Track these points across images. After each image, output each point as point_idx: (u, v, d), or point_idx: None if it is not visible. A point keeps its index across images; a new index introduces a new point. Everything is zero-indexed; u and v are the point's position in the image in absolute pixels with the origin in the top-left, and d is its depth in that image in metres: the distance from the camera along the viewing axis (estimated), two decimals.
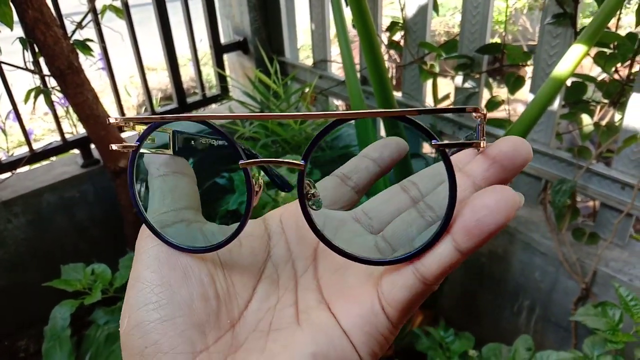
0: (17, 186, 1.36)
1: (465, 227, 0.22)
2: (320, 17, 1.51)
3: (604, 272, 1.09)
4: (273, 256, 0.29)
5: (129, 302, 0.26)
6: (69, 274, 0.94)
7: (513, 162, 0.23)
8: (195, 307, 0.25)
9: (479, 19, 1.16)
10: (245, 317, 0.27)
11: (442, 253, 0.23)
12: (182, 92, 1.59)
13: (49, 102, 1.27)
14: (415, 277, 0.23)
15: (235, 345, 0.25)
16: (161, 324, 0.24)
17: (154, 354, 0.24)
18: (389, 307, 0.24)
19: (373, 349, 0.25)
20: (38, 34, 1.08)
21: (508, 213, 0.21)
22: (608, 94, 1.12)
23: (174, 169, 0.29)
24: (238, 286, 0.28)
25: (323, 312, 0.26)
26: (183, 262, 0.27)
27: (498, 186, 0.22)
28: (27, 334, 1.47)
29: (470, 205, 0.22)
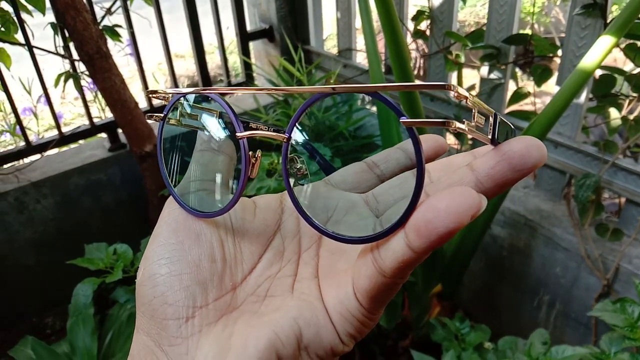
0: (46, 168, 1.40)
1: (416, 226, 0.21)
2: (346, 6, 1.51)
3: (626, 269, 1.08)
4: (282, 229, 0.31)
5: (146, 255, 0.28)
6: (93, 253, 0.97)
7: (523, 162, 0.22)
8: (202, 266, 0.27)
9: (507, 9, 1.14)
10: (247, 282, 0.28)
11: (395, 248, 0.22)
12: (208, 79, 1.61)
13: (78, 86, 1.30)
14: (374, 268, 0.23)
15: (233, 306, 0.27)
16: (169, 277, 0.26)
17: (161, 304, 0.26)
18: (359, 294, 0.25)
19: (349, 330, 0.26)
20: (68, 19, 1.11)
21: (460, 218, 0.20)
22: (637, 87, 1.09)
23: (213, 147, 0.31)
24: (245, 253, 0.29)
25: (314, 286, 0.27)
26: (198, 225, 0.29)
27: (458, 188, 0.21)
28: (53, 312, 1.51)
29: (424, 205, 0.21)
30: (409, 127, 0.22)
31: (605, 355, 0.81)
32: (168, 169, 0.32)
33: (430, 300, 1.28)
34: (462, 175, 0.24)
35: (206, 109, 0.30)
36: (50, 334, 1.50)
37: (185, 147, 0.32)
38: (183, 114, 0.31)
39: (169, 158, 0.32)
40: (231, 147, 0.32)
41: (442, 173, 0.29)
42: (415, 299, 1.26)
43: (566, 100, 0.91)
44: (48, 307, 1.51)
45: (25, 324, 1.49)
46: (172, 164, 0.32)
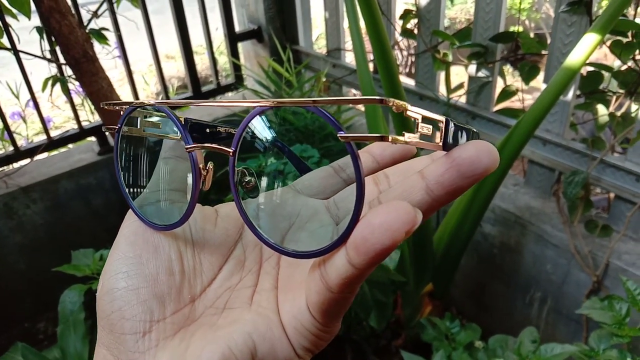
0: (36, 173, 1.39)
1: (354, 243, 0.21)
2: (334, 6, 1.51)
3: (616, 265, 1.08)
4: (244, 238, 0.30)
5: (105, 269, 0.28)
6: (79, 259, 0.96)
7: (472, 169, 0.21)
8: (160, 280, 0.27)
9: (493, 7, 1.14)
10: (206, 294, 0.28)
11: (338, 265, 0.22)
12: (197, 80, 1.60)
13: (65, 90, 1.29)
14: (322, 284, 0.23)
15: (191, 319, 0.27)
16: (126, 292, 0.26)
17: (119, 319, 0.26)
18: (311, 309, 0.24)
19: (304, 344, 0.25)
20: (53, 22, 1.10)
21: (394, 235, 0.20)
22: (624, 83, 1.09)
23: (177, 154, 0.31)
24: (205, 264, 0.29)
25: (272, 298, 0.27)
26: (156, 237, 0.28)
27: (393, 203, 0.20)
28: (45, 317, 1.51)
29: (362, 220, 0.21)
30: (347, 142, 0.21)
31: (594, 352, 0.81)
32: (129, 179, 0.31)
33: (422, 300, 1.29)
34: (413, 182, 0.23)
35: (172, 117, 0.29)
36: (42, 339, 1.49)
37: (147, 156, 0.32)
38: (145, 124, 0.30)
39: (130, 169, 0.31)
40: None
41: (401, 178, 0.28)
42: (407, 299, 1.26)
43: (553, 97, 0.91)
44: (40, 312, 1.51)
45: (17, 329, 1.49)
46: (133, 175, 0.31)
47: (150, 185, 0.30)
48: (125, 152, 0.31)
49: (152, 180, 0.30)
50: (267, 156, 0.31)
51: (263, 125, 0.27)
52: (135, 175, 0.31)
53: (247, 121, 0.25)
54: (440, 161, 0.22)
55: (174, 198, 0.30)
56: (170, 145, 0.31)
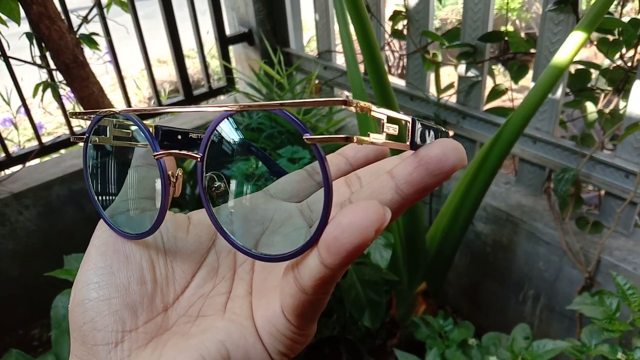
0: (28, 179, 1.39)
1: (326, 243, 0.21)
2: (324, 8, 1.51)
3: (607, 261, 1.09)
4: (217, 245, 0.30)
5: (77, 279, 0.27)
6: (71, 264, 0.96)
7: (440, 167, 0.22)
8: (131, 289, 0.27)
9: (481, 7, 1.15)
10: (179, 302, 0.28)
11: (311, 265, 0.22)
12: (188, 84, 1.60)
13: (56, 95, 1.29)
14: (296, 286, 0.23)
15: (164, 328, 0.27)
16: (98, 303, 0.26)
17: (90, 329, 0.25)
18: (286, 312, 0.24)
19: (279, 349, 0.25)
20: (43, 28, 1.10)
21: (363, 234, 0.20)
22: (612, 81, 1.11)
23: (148, 161, 0.30)
24: (178, 272, 0.29)
25: (246, 304, 0.27)
26: (127, 247, 0.28)
27: (362, 203, 0.21)
28: (39, 323, 1.50)
29: (332, 221, 0.21)
30: (313, 143, 0.21)
31: (586, 347, 0.82)
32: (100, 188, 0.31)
33: (416, 299, 1.29)
34: (383, 182, 0.23)
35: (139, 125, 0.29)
36: (37, 346, 1.49)
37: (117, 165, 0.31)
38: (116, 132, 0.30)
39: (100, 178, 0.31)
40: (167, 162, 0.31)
41: (371, 178, 0.29)
42: (401, 298, 1.26)
43: (541, 95, 0.92)
44: (34, 318, 1.50)
45: (11, 336, 1.48)
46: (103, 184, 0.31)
47: (121, 194, 0.30)
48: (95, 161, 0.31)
49: (122, 189, 0.30)
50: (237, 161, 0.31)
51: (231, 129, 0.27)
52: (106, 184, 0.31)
53: (213, 126, 0.25)
54: (408, 160, 0.23)
55: (145, 206, 0.30)
56: (141, 154, 0.30)
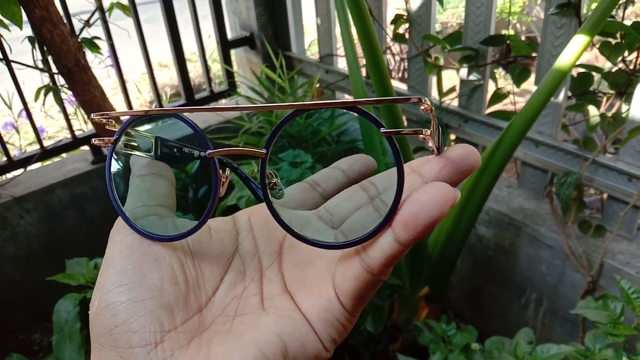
0: (29, 183, 1.39)
1: (403, 220, 0.23)
2: (326, 12, 1.51)
3: (610, 265, 1.08)
4: (241, 250, 0.31)
5: (100, 284, 0.27)
6: (73, 268, 0.96)
7: (465, 165, 0.26)
8: (165, 289, 0.27)
9: (483, 10, 1.15)
10: (212, 303, 0.28)
11: (384, 244, 0.24)
12: (190, 88, 1.61)
13: (58, 99, 1.29)
14: (362, 267, 0.25)
15: (202, 327, 0.27)
16: (131, 304, 0.26)
17: (124, 332, 0.25)
18: (342, 297, 0.26)
19: (332, 335, 0.26)
20: (45, 32, 1.10)
21: (441, 208, 0.23)
22: (614, 84, 1.10)
23: (153, 171, 0.31)
24: (207, 274, 0.29)
25: (286, 300, 0.28)
26: (154, 249, 0.28)
27: (435, 183, 0.23)
28: (40, 328, 1.50)
29: (407, 200, 0.23)
30: (388, 136, 0.24)
31: (590, 352, 0.81)
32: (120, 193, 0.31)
33: (418, 303, 1.29)
34: (413, 182, 0.27)
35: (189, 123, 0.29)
36: (38, 351, 1.48)
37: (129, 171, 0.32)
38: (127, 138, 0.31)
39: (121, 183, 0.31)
40: (169, 170, 0.32)
41: (388, 183, 0.31)
42: (403, 302, 1.26)
43: (544, 99, 0.92)
44: (35, 323, 1.50)
45: (12, 340, 1.48)
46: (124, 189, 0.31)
47: (135, 200, 0.30)
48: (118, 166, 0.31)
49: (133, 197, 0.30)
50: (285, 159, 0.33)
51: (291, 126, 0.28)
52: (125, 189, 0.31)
53: (283, 123, 0.26)
54: (435, 161, 0.26)
55: (161, 213, 0.30)
56: (144, 163, 0.31)
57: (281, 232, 0.30)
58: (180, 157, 0.34)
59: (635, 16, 2.72)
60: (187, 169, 1.38)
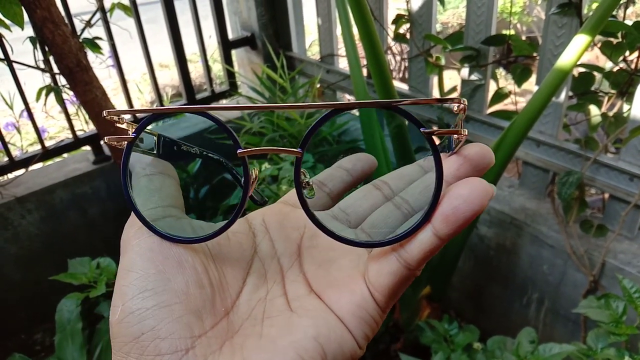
0: (31, 183, 1.39)
1: (443, 215, 0.24)
2: (327, 12, 1.51)
3: (612, 264, 1.08)
4: (259, 252, 0.31)
5: (121, 291, 0.26)
6: (76, 267, 0.96)
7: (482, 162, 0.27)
8: (191, 293, 0.26)
9: (484, 10, 1.15)
10: (238, 306, 0.28)
11: (422, 239, 0.25)
12: (191, 88, 1.61)
13: (59, 99, 1.29)
14: (399, 263, 0.26)
15: (232, 331, 0.26)
16: (158, 310, 0.25)
17: (151, 339, 0.24)
18: (376, 293, 0.26)
19: (365, 332, 0.26)
20: (46, 32, 1.10)
21: (481, 202, 0.23)
22: (616, 84, 1.10)
23: (160, 170, 0.31)
24: (229, 277, 0.29)
25: (315, 301, 0.27)
26: (176, 252, 0.27)
27: (472, 178, 0.24)
28: (42, 328, 1.50)
29: (447, 195, 0.24)
30: (429, 136, 0.25)
31: (592, 351, 0.81)
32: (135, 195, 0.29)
33: (420, 303, 1.29)
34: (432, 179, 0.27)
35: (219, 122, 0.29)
36: (39, 350, 1.48)
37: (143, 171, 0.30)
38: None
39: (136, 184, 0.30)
40: (173, 169, 0.32)
41: (400, 182, 0.32)
42: (405, 302, 1.26)
43: (545, 99, 0.92)
44: (37, 323, 1.50)
45: (14, 341, 1.48)
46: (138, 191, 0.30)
47: (146, 202, 0.29)
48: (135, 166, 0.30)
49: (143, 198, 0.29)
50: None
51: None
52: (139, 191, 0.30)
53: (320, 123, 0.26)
54: (453, 159, 0.27)
55: (175, 214, 0.29)
56: (149, 162, 0.30)
57: (297, 233, 0.31)
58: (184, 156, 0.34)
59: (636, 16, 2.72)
60: (188, 168, 1.38)
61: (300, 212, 0.32)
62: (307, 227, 0.32)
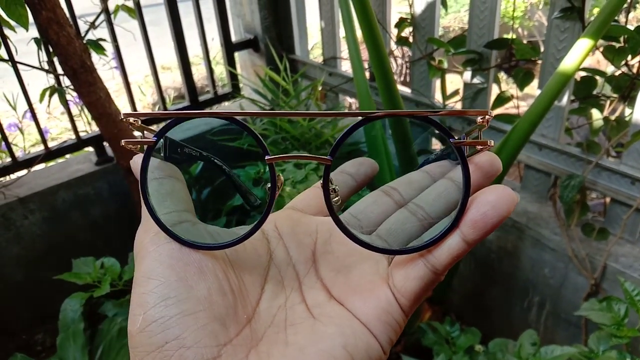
0: (33, 183, 1.39)
1: (472, 221, 0.25)
2: (330, 15, 1.52)
3: (613, 267, 1.09)
4: (275, 259, 0.30)
5: (142, 299, 0.25)
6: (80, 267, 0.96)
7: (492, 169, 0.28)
8: (214, 301, 0.26)
9: (487, 14, 1.16)
10: (258, 314, 0.27)
11: (451, 244, 0.26)
12: (194, 90, 1.61)
13: (63, 101, 1.29)
14: (427, 268, 0.26)
15: (256, 339, 0.26)
16: (182, 318, 0.24)
17: (176, 348, 0.24)
18: (402, 298, 0.27)
19: (390, 336, 0.27)
20: (51, 34, 1.11)
21: (508, 207, 0.25)
22: (618, 88, 1.11)
23: (168, 173, 0.30)
24: (248, 284, 0.28)
25: (337, 307, 0.27)
26: (196, 258, 0.27)
27: (498, 185, 0.25)
28: (43, 329, 1.50)
29: (475, 202, 0.25)
30: (458, 146, 0.26)
31: (594, 354, 0.82)
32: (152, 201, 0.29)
33: (421, 305, 1.29)
34: (446, 185, 0.30)
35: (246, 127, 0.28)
36: (40, 351, 1.49)
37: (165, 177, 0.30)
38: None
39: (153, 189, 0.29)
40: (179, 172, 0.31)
41: (409, 189, 0.32)
42: None
43: (547, 102, 0.92)
44: (38, 323, 1.50)
45: (15, 341, 1.48)
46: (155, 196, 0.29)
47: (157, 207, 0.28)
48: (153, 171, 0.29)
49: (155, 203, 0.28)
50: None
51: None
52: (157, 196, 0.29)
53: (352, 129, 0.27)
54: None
55: (190, 219, 0.29)
56: (156, 165, 0.29)
57: (310, 239, 0.31)
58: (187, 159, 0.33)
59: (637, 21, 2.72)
60: (190, 170, 1.39)
61: (310, 218, 0.33)
62: (319, 232, 0.32)
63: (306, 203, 0.34)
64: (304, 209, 0.34)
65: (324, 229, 0.32)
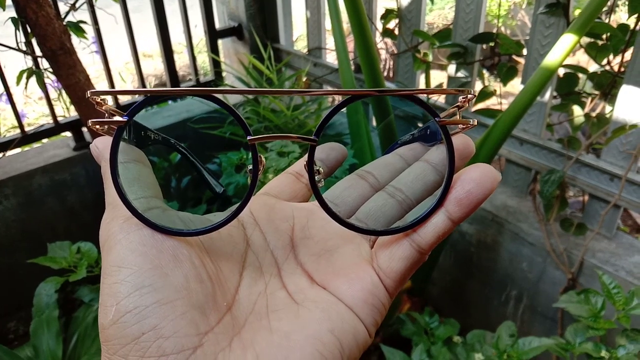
0: (8, 168, 1.36)
1: (457, 199, 0.26)
2: (316, 5, 1.51)
3: (590, 262, 1.10)
4: (252, 245, 0.30)
5: (114, 289, 0.24)
6: (55, 251, 0.94)
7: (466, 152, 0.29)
8: (192, 288, 0.24)
9: (473, 8, 1.16)
10: (238, 301, 0.26)
11: (437, 223, 0.26)
12: (176, 77, 1.59)
13: (41, 83, 1.26)
14: (412, 247, 0.27)
15: (237, 327, 0.25)
16: (159, 307, 0.23)
17: (154, 339, 0.23)
18: (387, 279, 0.27)
19: (375, 318, 0.27)
20: (30, 13, 1.08)
21: (492, 184, 0.25)
22: (599, 85, 1.12)
23: (133, 158, 0.29)
24: (225, 271, 0.27)
25: (321, 292, 0.27)
26: (170, 245, 0.26)
27: (480, 164, 0.26)
28: (16, 316, 1.47)
29: (459, 181, 0.26)
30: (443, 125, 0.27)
31: (570, 345, 0.83)
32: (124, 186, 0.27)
33: (400, 297, 1.29)
34: (422, 168, 0.30)
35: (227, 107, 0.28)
36: (13, 339, 1.46)
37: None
38: None
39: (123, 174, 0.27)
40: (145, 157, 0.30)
41: (384, 171, 0.33)
42: None
43: (530, 97, 0.93)
44: (11, 311, 1.47)
45: None
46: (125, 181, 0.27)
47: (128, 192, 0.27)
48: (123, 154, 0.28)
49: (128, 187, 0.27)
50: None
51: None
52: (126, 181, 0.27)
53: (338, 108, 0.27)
54: (441, 149, 0.29)
55: (159, 205, 0.28)
56: (121, 149, 0.27)
57: (287, 224, 0.31)
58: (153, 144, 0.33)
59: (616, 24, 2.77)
60: (170, 157, 1.37)
61: (285, 204, 0.32)
62: (296, 218, 0.31)
63: (280, 189, 0.34)
64: (277, 195, 0.33)
65: (301, 214, 0.31)
